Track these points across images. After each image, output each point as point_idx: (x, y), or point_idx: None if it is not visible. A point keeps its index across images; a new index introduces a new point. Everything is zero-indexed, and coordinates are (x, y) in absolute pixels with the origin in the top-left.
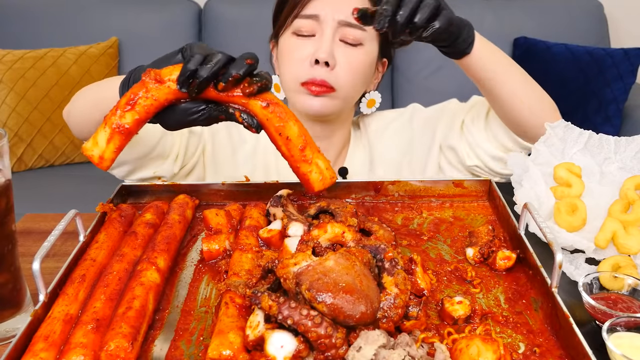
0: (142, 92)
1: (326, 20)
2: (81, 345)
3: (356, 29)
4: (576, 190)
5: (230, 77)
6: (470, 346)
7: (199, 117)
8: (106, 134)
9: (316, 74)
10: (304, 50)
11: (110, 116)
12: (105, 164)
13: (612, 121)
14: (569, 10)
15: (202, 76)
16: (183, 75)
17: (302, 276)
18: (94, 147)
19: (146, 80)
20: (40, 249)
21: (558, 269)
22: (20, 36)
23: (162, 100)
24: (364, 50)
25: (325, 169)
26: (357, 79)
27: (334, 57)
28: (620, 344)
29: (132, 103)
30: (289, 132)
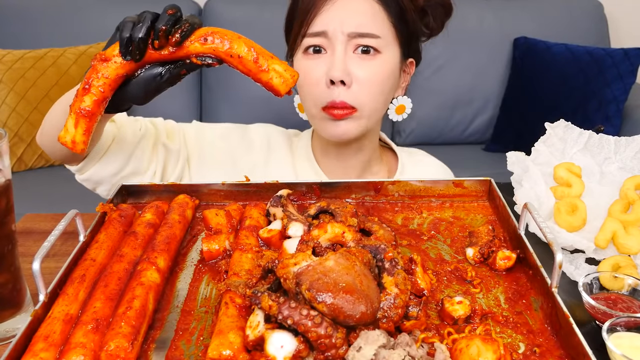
0: (94, 74)
1: (335, 35)
2: (81, 345)
3: (369, 38)
4: (576, 190)
5: (160, 31)
6: (470, 346)
7: (162, 80)
8: (72, 119)
9: (335, 95)
10: (317, 70)
11: (73, 104)
12: (79, 147)
13: (612, 121)
14: (569, 10)
15: (137, 37)
16: (122, 45)
17: (302, 276)
18: (65, 134)
19: (94, 63)
20: (40, 249)
21: (558, 269)
22: (20, 36)
23: (114, 76)
24: (381, 60)
25: (284, 71)
26: (378, 92)
27: (349, 73)
28: (620, 344)
29: (88, 87)
30: (237, 51)
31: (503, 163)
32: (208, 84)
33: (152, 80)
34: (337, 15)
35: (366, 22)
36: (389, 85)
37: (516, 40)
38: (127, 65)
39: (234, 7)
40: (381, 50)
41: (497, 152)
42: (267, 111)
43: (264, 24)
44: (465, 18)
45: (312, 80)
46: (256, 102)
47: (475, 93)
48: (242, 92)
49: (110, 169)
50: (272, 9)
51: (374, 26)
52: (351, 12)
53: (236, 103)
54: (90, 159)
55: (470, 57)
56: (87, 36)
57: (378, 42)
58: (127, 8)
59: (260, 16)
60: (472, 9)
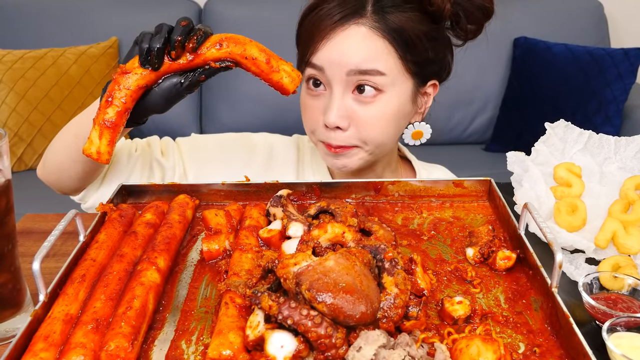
0: (116, 87)
1: (333, 76)
2: (81, 345)
3: (371, 75)
4: (576, 190)
5: (175, 42)
6: (471, 346)
7: (182, 87)
8: (97, 131)
9: (331, 138)
10: (315, 107)
11: (96, 117)
12: (104, 157)
13: (612, 121)
14: (569, 10)
15: (154, 47)
16: (141, 55)
17: (302, 276)
18: (90, 146)
19: (115, 76)
20: (40, 249)
21: (558, 269)
22: (20, 36)
23: (135, 87)
24: (384, 100)
25: (291, 71)
26: (383, 129)
27: (346, 118)
28: (620, 344)
29: (110, 99)
30: (251, 53)
31: (503, 163)
32: (208, 84)
33: (173, 88)
34: (336, 51)
35: (369, 58)
36: (397, 120)
37: (516, 40)
38: (147, 76)
39: (234, 7)
40: (384, 89)
41: (497, 152)
42: (266, 111)
43: (263, 24)
44: None
45: (311, 117)
46: (256, 102)
47: (475, 93)
48: (241, 92)
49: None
50: (271, 9)
51: (378, 62)
52: (352, 48)
53: (236, 103)
54: (89, 189)
55: (470, 57)
56: (87, 36)
57: (382, 79)
58: (127, 8)
59: (260, 16)
60: None
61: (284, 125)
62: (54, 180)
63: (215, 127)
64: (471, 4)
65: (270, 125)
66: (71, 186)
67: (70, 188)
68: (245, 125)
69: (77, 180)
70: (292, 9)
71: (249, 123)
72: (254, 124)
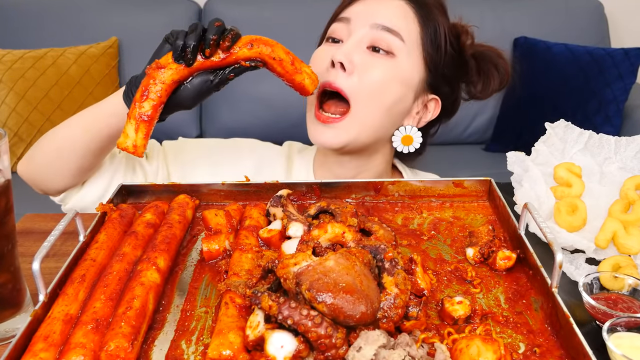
0: (151, 81)
1: (357, 24)
2: (81, 345)
3: (392, 35)
4: (576, 190)
5: (211, 40)
6: (471, 346)
7: (212, 84)
8: (132, 125)
9: (332, 77)
10: (325, 54)
11: (131, 111)
12: (140, 150)
13: (612, 121)
14: (569, 10)
15: (190, 44)
16: (176, 51)
17: (302, 276)
18: (126, 139)
19: (150, 71)
20: (40, 249)
21: (558, 269)
22: (20, 36)
23: (169, 82)
24: (393, 62)
25: (311, 73)
26: (376, 92)
27: (353, 61)
28: (621, 344)
29: (146, 93)
30: (278, 54)
31: (503, 163)
32: None
33: (203, 84)
34: (368, 6)
35: (395, 19)
36: (395, 96)
37: (516, 40)
38: (181, 71)
39: (234, 7)
40: (397, 54)
41: (497, 152)
42: (266, 111)
43: (263, 24)
44: (465, 18)
45: (316, 62)
46: (256, 102)
47: None
48: (241, 92)
49: (92, 196)
50: (272, 9)
51: (402, 27)
52: (383, 7)
53: (236, 103)
54: (70, 190)
55: None
56: (88, 36)
57: (398, 44)
58: (127, 8)
59: (260, 16)
60: (472, 9)
61: (284, 125)
62: (39, 177)
63: (215, 127)
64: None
65: (270, 126)
66: (57, 184)
67: (54, 187)
68: (245, 125)
69: (67, 177)
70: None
71: (249, 123)
72: (254, 124)
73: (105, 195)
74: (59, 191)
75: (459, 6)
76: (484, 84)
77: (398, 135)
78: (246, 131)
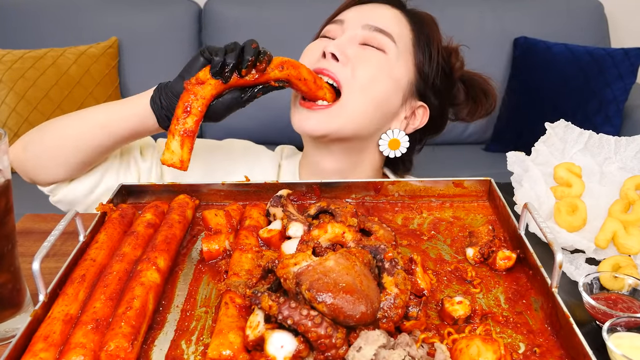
0: (192, 97)
1: (350, 24)
2: (81, 345)
3: (384, 35)
4: (576, 190)
5: (248, 61)
6: (471, 346)
7: (242, 100)
8: (177, 141)
9: (324, 65)
10: (317, 47)
11: (174, 127)
12: (186, 164)
13: (612, 121)
14: (569, 10)
15: (230, 63)
16: (215, 67)
17: (302, 276)
18: (172, 156)
19: (189, 87)
20: (40, 249)
21: (558, 269)
22: (20, 36)
23: (209, 96)
24: (385, 57)
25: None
26: (367, 84)
27: (346, 53)
28: (621, 344)
29: (189, 109)
30: (303, 74)
31: (503, 163)
32: None
33: (235, 100)
34: (361, 13)
35: (387, 21)
36: (385, 91)
37: (516, 40)
38: (218, 86)
39: (234, 7)
40: (388, 52)
41: (497, 152)
42: (266, 112)
43: (263, 24)
44: (465, 18)
45: (308, 54)
46: (255, 103)
47: None
48: None
49: (82, 189)
50: (271, 9)
51: (394, 29)
52: (377, 13)
53: None
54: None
55: (470, 57)
56: (88, 36)
57: (390, 44)
58: (127, 8)
59: (260, 16)
60: (472, 9)
61: (282, 125)
62: (32, 166)
63: (216, 126)
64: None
65: (269, 126)
66: (50, 176)
67: (46, 178)
68: (244, 126)
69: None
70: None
71: (248, 124)
72: (253, 125)
73: (95, 190)
74: (50, 183)
75: (460, 6)
76: (471, 109)
77: (385, 139)
78: (246, 131)
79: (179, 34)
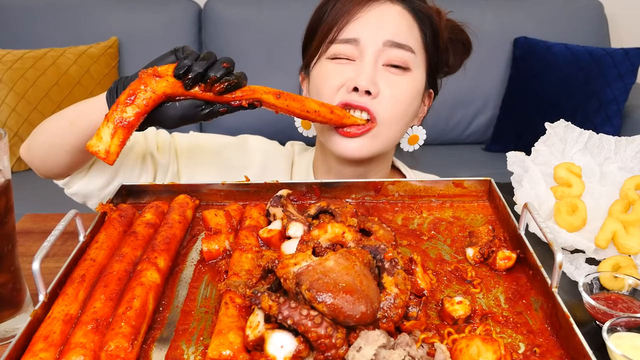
0: (142, 87)
1: (368, 44)
2: (81, 345)
3: (404, 51)
4: (576, 190)
5: (209, 78)
6: (471, 346)
7: (201, 112)
8: (109, 129)
9: (354, 99)
10: (341, 75)
11: (111, 113)
12: (112, 157)
13: (612, 121)
14: (569, 10)
15: (196, 70)
16: (181, 69)
17: (302, 276)
18: (98, 143)
19: (144, 76)
20: (40, 249)
21: (558, 269)
22: (20, 36)
23: (160, 93)
24: (411, 77)
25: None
26: (403, 112)
27: (377, 84)
28: (621, 344)
29: (133, 98)
30: (310, 106)
31: (503, 163)
32: None
33: (192, 109)
34: (372, 22)
35: (403, 33)
36: (413, 108)
37: (516, 40)
38: (176, 87)
39: (234, 7)
40: (412, 67)
41: (497, 152)
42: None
43: (263, 23)
44: (465, 18)
45: (333, 84)
46: None
47: (475, 93)
48: None
49: (98, 183)
50: (271, 9)
51: (410, 39)
52: (388, 21)
53: None
54: (75, 174)
55: (470, 57)
56: (88, 36)
57: (411, 57)
58: (127, 8)
59: (260, 16)
60: (472, 9)
61: (283, 126)
62: (38, 163)
63: (216, 126)
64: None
65: (269, 126)
66: (56, 172)
67: (54, 173)
68: (244, 126)
69: (63, 167)
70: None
71: (249, 124)
72: (253, 125)
73: (110, 184)
74: (60, 176)
75: (460, 6)
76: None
77: (405, 137)
78: (246, 131)
79: (179, 34)
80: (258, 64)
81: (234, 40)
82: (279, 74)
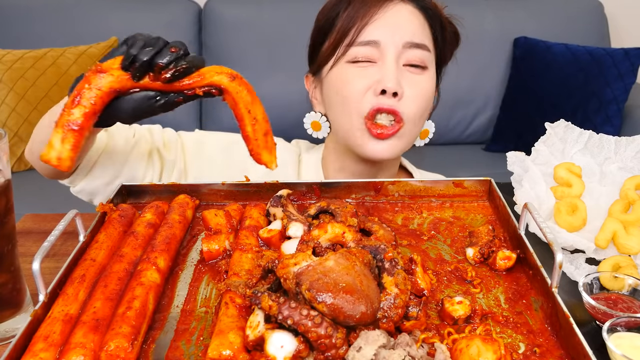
0: (86, 86)
1: (388, 45)
2: (81, 345)
3: (422, 50)
4: (576, 190)
5: (156, 65)
6: (471, 346)
7: (156, 104)
8: (59, 135)
9: (383, 102)
10: (366, 78)
11: (60, 118)
12: (65, 163)
13: (612, 121)
14: (569, 10)
15: (141, 59)
16: (127, 59)
17: (302, 276)
18: (50, 151)
19: (88, 74)
20: (40, 249)
21: (558, 269)
22: (20, 36)
23: (107, 89)
24: (429, 75)
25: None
26: (423, 110)
27: (402, 85)
28: (621, 344)
29: (78, 99)
30: (257, 112)
31: (503, 163)
32: None
33: (145, 101)
34: (389, 23)
35: (419, 32)
36: (430, 105)
37: (516, 40)
38: (123, 80)
39: (234, 7)
40: (428, 65)
41: (497, 152)
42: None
43: (263, 24)
44: (465, 18)
45: (359, 87)
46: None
47: (475, 93)
48: None
49: (102, 180)
50: (271, 9)
51: (425, 38)
52: (404, 21)
53: None
54: (78, 173)
55: (470, 57)
56: (87, 36)
57: (428, 56)
58: (127, 8)
59: (260, 16)
60: (472, 9)
61: (284, 126)
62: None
63: (216, 127)
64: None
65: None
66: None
67: (56, 172)
68: None
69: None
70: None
71: None
72: None
73: (115, 181)
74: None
75: (460, 6)
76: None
77: None
78: None
79: (179, 34)
80: (258, 64)
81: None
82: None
